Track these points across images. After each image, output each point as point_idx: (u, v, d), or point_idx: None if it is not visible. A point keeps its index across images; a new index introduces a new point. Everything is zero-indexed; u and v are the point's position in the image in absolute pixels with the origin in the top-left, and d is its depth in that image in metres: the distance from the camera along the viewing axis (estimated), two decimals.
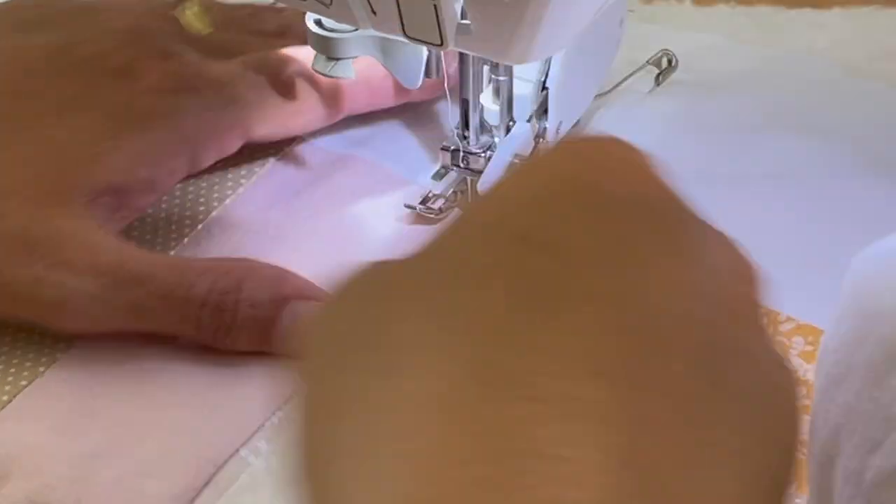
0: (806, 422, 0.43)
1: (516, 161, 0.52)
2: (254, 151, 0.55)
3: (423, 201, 0.53)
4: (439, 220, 0.53)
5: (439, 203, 0.53)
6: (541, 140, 0.54)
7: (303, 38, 0.56)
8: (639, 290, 0.22)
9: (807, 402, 0.44)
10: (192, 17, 0.54)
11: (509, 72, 0.52)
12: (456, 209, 0.54)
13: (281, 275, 0.46)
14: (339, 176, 0.56)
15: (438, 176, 0.54)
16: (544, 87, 0.53)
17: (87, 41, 0.49)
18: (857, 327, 0.32)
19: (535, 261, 0.22)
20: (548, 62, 0.53)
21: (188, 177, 0.52)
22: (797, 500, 0.40)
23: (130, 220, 0.48)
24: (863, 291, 0.33)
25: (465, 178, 0.54)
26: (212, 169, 0.53)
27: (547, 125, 0.54)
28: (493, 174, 0.51)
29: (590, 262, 0.22)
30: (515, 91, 0.53)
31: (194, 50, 0.51)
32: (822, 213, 0.53)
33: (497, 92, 0.53)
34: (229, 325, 0.44)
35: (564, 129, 0.56)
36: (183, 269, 0.45)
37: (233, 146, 0.51)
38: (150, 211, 0.51)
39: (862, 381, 0.31)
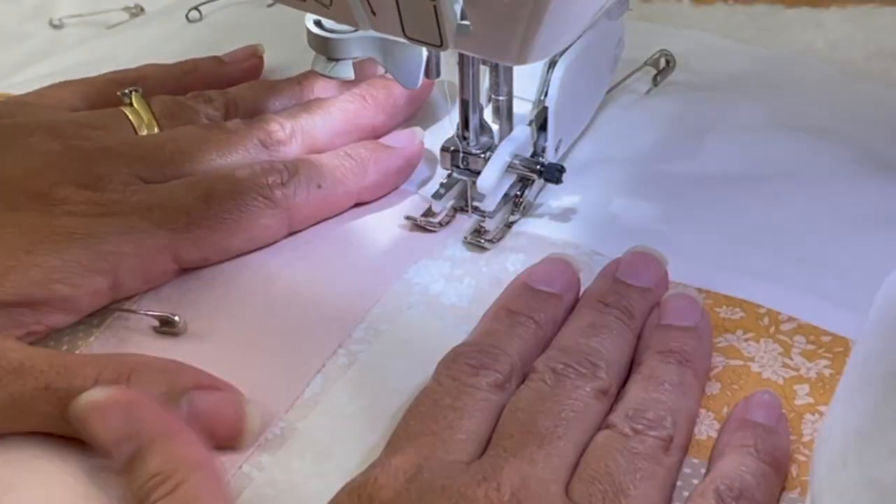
0: (809, 422, 0.43)
1: (515, 161, 0.52)
2: None
3: (424, 214, 0.54)
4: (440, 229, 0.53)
5: (440, 217, 0.54)
6: (540, 156, 0.54)
7: (249, 109, 0.56)
8: None
9: (809, 399, 0.44)
10: (137, 110, 0.53)
11: (509, 91, 0.53)
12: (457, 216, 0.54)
13: (174, 365, 0.43)
14: None
15: (438, 196, 0.53)
16: (544, 107, 0.53)
17: (13, 162, 0.48)
18: (884, 338, 0.33)
19: None
20: (546, 82, 0.53)
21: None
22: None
23: (42, 335, 0.46)
24: (893, 306, 0.34)
25: (464, 195, 0.54)
26: None
27: (546, 144, 0.54)
28: (492, 174, 0.51)
29: None
30: (514, 110, 0.53)
31: (128, 170, 0.49)
32: (820, 213, 0.53)
33: (497, 111, 0.53)
34: None
35: (564, 147, 0.56)
36: (65, 361, 0.42)
37: (163, 272, 0.49)
38: None
39: (884, 391, 0.31)
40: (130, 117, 0.53)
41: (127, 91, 0.54)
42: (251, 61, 0.61)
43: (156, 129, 0.53)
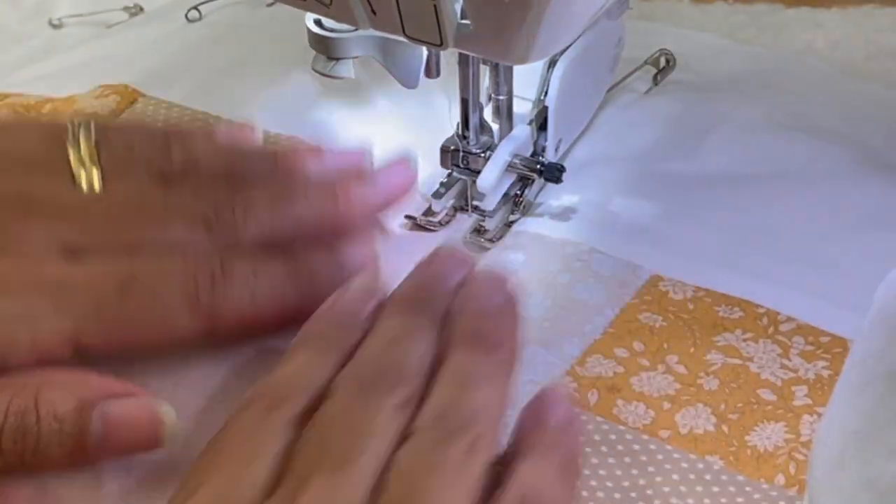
0: (807, 423, 0.43)
1: (515, 161, 0.52)
2: None
3: (424, 213, 0.54)
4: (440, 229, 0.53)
5: (440, 216, 0.54)
6: (540, 155, 0.54)
7: (212, 170, 0.48)
8: None
9: (808, 401, 0.44)
10: (83, 158, 0.46)
11: (509, 91, 0.53)
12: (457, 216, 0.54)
13: (78, 376, 0.41)
14: None
15: (438, 195, 0.53)
16: (544, 106, 0.53)
17: None
18: (884, 338, 0.33)
19: None
20: (546, 82, 0.53)
21: None
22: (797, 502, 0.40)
23: None
24: (893, 306, 0.34)
25: (464, 194, 0.54)
26: None
27: (546, 143, 0.54)
28: (492, 173, 0.51)
29: None
30: (515, 110, 0.53)
31: (50, 234, 0.44)
32: (820, 213, 0.53)
33: (497, 111, 0.53)
34: (34, 447, 0.39)
35: (564, 146, 0.56)
36: None
37: (57, 351, 0.43)
38: None
39: (883, 390, 0.31)
40: (71, 161, 0.47)
41: (77, 124, 0.47)
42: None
43: (96, 181, 0.46)
